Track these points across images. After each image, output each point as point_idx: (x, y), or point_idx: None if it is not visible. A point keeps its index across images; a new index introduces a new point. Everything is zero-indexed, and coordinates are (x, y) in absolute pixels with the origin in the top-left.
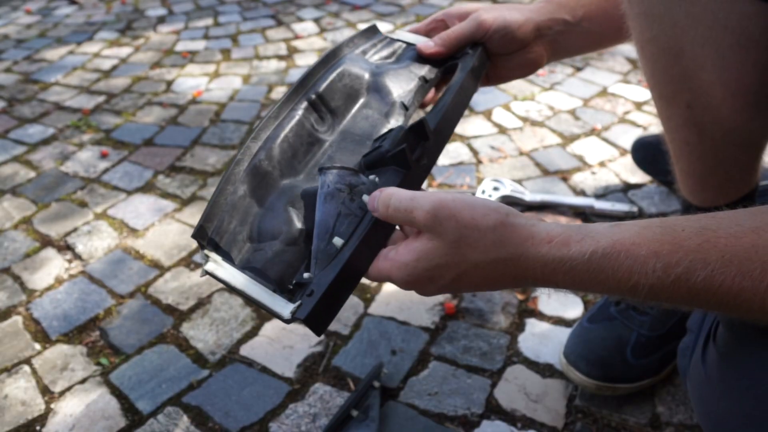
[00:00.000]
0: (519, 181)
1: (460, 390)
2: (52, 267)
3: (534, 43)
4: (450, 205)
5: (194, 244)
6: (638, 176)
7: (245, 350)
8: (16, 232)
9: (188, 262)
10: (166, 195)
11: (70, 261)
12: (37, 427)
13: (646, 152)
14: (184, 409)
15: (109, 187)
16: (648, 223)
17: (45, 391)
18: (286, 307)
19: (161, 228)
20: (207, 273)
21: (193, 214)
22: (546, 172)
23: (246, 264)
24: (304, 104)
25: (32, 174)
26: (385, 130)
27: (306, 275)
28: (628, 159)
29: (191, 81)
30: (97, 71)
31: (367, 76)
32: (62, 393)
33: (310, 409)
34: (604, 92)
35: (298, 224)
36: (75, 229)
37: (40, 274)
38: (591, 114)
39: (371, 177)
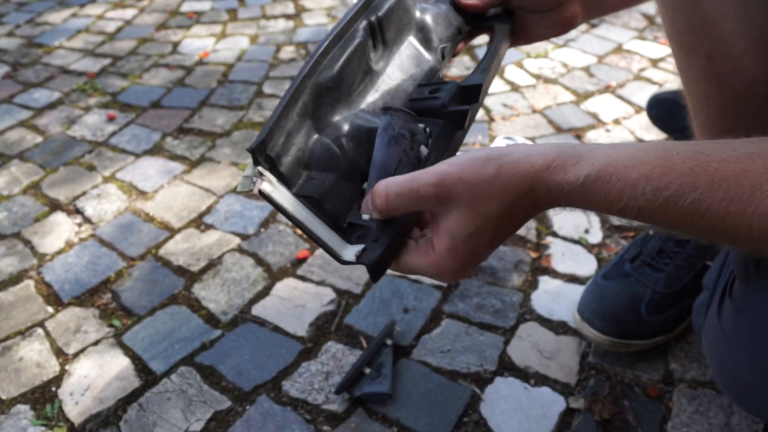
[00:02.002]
0: (532, 139)
1: (473, 347)
2: (62, 231)
3: (569, 1)
4: (451, 171)
5: (203, 206)
6: (653, 134)
7: (257, 310)
8: (24, 197)
9: (198, 224)
10: (174, 157)
11: (79, 225)
12: (53, 388)
13: (662, 109)
14: (197, 368)
15: (116, 150)
16: (645, 145)
17: (59, 353)
18: (347, 249)
19: (170, 190)
20: (262, 193)
21: (202, 176)
22: (559, 130)
23: (301, 191)
24: (364, 24)
25: (39, 139)
26: (424, 74)
27: (366, 217)
28: (643, 116)
29: (198, 42)
30: (102, 34)
31: (417, 12)
32: (76, 355)
33: (322, 367)
34: (619, 49)
35: (356, 159)
36: (84, 193)
37: (51, 238)
38: (605, 71)
39: (421, 126)
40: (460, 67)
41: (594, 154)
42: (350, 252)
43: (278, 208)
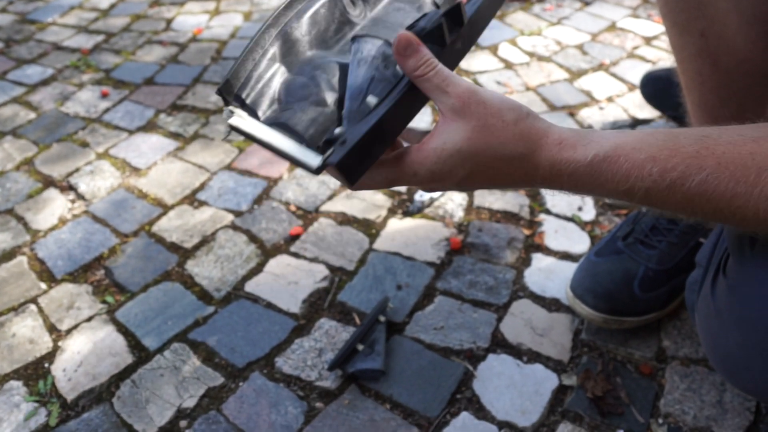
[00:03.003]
0: None
1: (466, 324)
2: (56, 207)
3: None
4: (481, 92)
5: (197, 182)
6: (647, 111)
7: (250, 286)
8: (18, 173)
9: (192, 200)
10: (168, 134)
11: (73, 201)
12: (46, 364)
13: (655, 86)
14: (190, 345)
15: (110, 127)
16: (653, 131)
17: (52, 329)
18: (316, 158)
19: (164, 167)
20: (231, 127)
21: (196, 153)
22: (553, 108)
23: (273, 120)
24: None
25: (32, 115)
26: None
27: (337, 130)
28: (637, 94)
29: (191, 19)
30: (95, 10)
31: None
32: (69, 331)
33: (315, 343)
34: (612, 27)
35: (329, 89)
36: (77, 170)
37: (44, 214)
38: (599, 49)
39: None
40: None
41: (604, 137)
42: (319, 158)
43: (248, 136)
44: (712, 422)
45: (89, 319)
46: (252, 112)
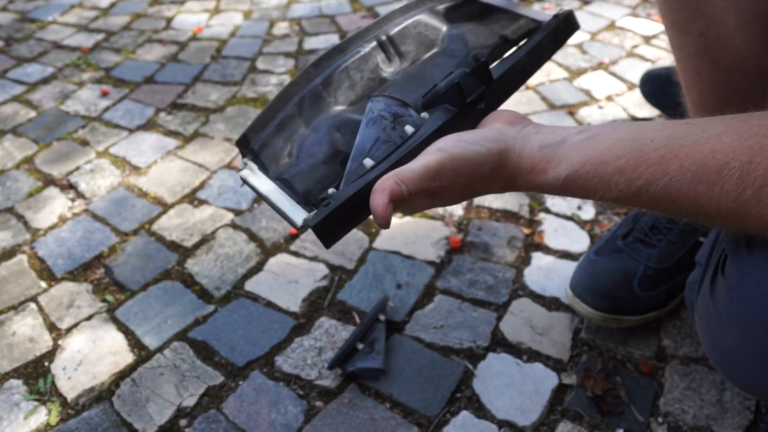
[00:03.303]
0: (525, 116)
1: (466, 323)
2: (56, 206)
3: None
4: (450, 164)
5: (197, 181)
6: (646, 110)
7: (250, 285)
8: (18, 171)
9: (192, 199)
10: (168, 132)
11: (73, 200)
12: (46, 363)
13: (655, 85)
14: (190, 344)
15: (110, 126)
16: (623, 134)
17: (52, 327)
18: (301, 217)
19: (164, 165)
20: (242, 179)
21: (196, 151)
22: (552, 107)
23: (278, 175)
24: (373, 44)
25: (32, 114)
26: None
27: (330, 191)
28: (636, 93)
29: (191, 18)
30: (95, 9)
31: (444, 28)
32: (69, 330)
33: (315, 342)
34: (612, 26)
35: (339, 147)
36: (77, 168)
37: (44, 213)
38: (598, 48)
39: (422, 114)
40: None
41: (573, 151)
42: (301, 217)
43: (253, 189)
44: (712, 421)
45: (89, 318)
46: (263, 166)
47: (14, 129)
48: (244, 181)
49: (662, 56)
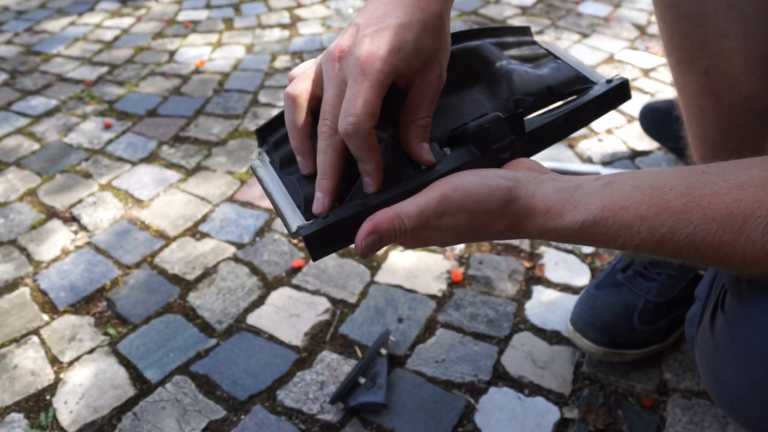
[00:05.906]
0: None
1: (468, 357)
2: (58, 238)
3: None
4: (456, 198)
5: (199, 214)
6: (645, 143)
7: (252, 319)
8: (21, 204)
9: (194, 232)
10: (170, 165)
11: (75, 232)
12: (47, 397)
13: (654, 118)
14: (192, 377)
15: (113, 158)
16: (640, 181)
17: (54, 361)
18: (296, 221)
19: (166, 198)
20: (251, 168)
21: (198, 185)
22: None
23: (288, 173)
24: None
25: (36, 146)
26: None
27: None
28: (636, 126)
29: (194, 51)
30: (99, 42)
31: (495, 64)
32: (71, 363)
33: (317, 376)
34: (610, 59)
35: (351, 162)
36: (80, 201)
37: (47, 245)
38: None
39: (445, 149)
40: None
41: (591, 197)
42: (296, 223)
43: (259, 181)
44: None
45: (91, 351)
46: (275, 161)
47: (18, 161)
48: (254, 171)
49: (661, 89)
